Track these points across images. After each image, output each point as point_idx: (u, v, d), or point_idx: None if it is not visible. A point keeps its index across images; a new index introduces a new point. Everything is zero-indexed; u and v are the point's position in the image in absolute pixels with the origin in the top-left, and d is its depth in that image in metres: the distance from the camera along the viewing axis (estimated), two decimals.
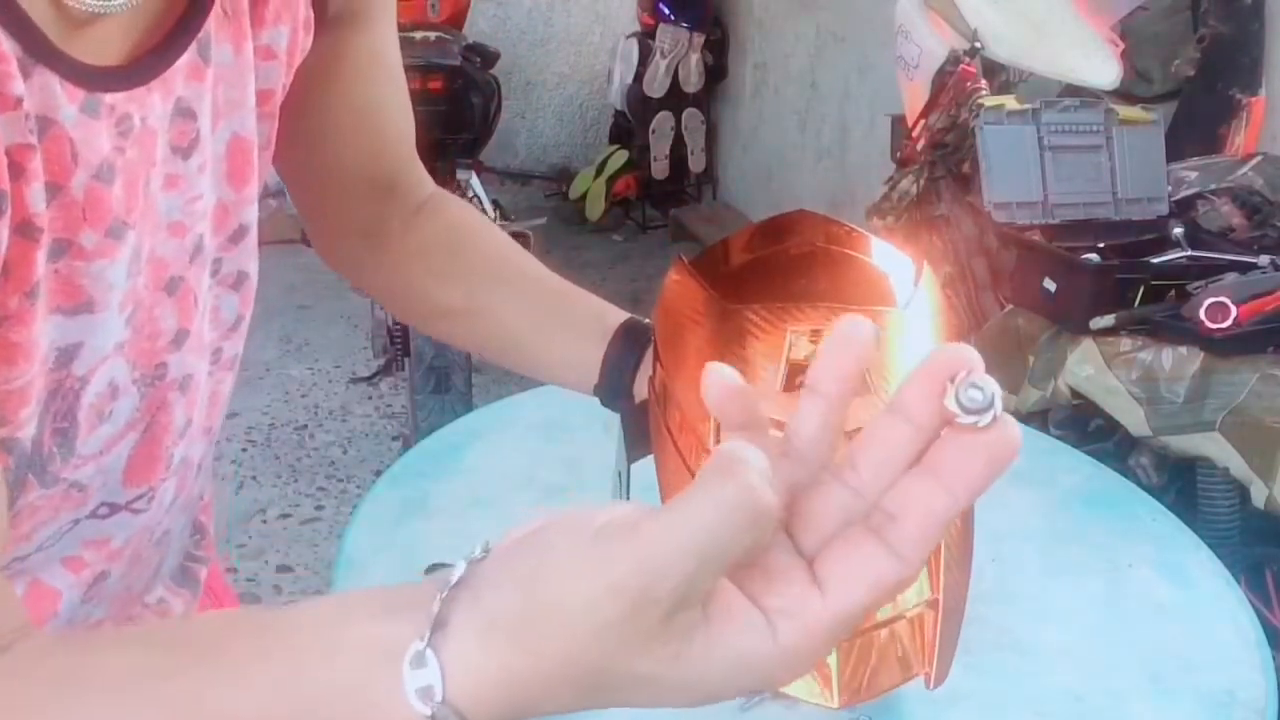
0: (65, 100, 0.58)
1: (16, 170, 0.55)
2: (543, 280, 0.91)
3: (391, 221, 0.92)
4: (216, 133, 0.70)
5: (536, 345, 0.91)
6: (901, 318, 0.76)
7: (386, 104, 0.89)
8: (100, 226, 0.62)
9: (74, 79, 0.58)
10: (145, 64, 0.63)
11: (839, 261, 0.82)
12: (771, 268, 0.82)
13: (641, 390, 0.84)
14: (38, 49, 0.55)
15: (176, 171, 0.67)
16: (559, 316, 0.90)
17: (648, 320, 0.85)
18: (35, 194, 0.56)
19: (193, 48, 0.65)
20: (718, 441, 0.68)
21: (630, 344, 0.85)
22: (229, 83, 0.70)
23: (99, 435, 0.68)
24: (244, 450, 3.13)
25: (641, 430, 0.83)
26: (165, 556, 0.82)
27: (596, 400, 0.88)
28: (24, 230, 0.56)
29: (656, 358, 0.81)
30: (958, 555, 0.77)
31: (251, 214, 0.75)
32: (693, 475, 0.72)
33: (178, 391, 0.73)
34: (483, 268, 0.92)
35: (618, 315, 0.88)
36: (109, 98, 0.60)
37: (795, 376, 0.73)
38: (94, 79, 0.59)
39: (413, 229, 0.92)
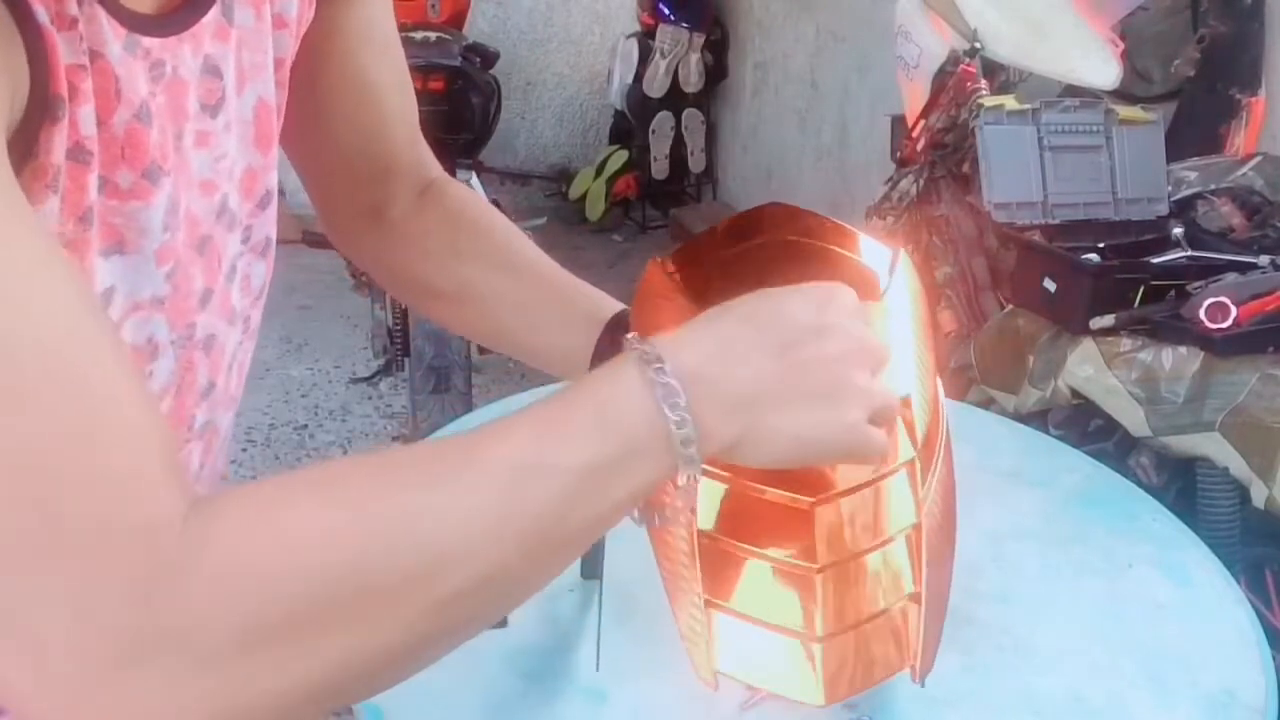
0: (111, 36, 0.59)
1: (71, 90, 0.56)
2: (538, 269, 0.92)
3: (393, 203, 0.94)
4: (243, 96, 0.72)
5: (526, 333, 0.92)
6: (877, 310, 0.77)
7: (382, 81, 0.90)
8: (137, 167, 0.63)
9: (118, 17, 0.60)
10: (177, 16, 0.65)
11: (815, 255, 0.82)
12: (748, 261, 0.83)
13: None
14: None
15: (206, 129, 0.69)
16: (551, 306, 0.90)
17: None
18: (86, 116, 0.58)
19: (217, 6, 0.68)
20: None
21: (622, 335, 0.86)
22: (251, 46, 0.72)
23: None
24: (244, 450, 3.13)
25: None
26: None
27: None
28: (76, 154, 0.58)
29: None
30: (940, 549, 0.77)
31: (274, 179, 0.77)
32: None
33: (201, 352, 0.74)
34: (477, 254, 0.93)
35: (612, 306, 0.89)
36: (145, 41, 0.62)
37: None
38: (133, 21, 0.61)
39: (414, 213, 0.94)
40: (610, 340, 0.86)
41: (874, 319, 0.73)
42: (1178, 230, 1.96)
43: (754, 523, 0.74)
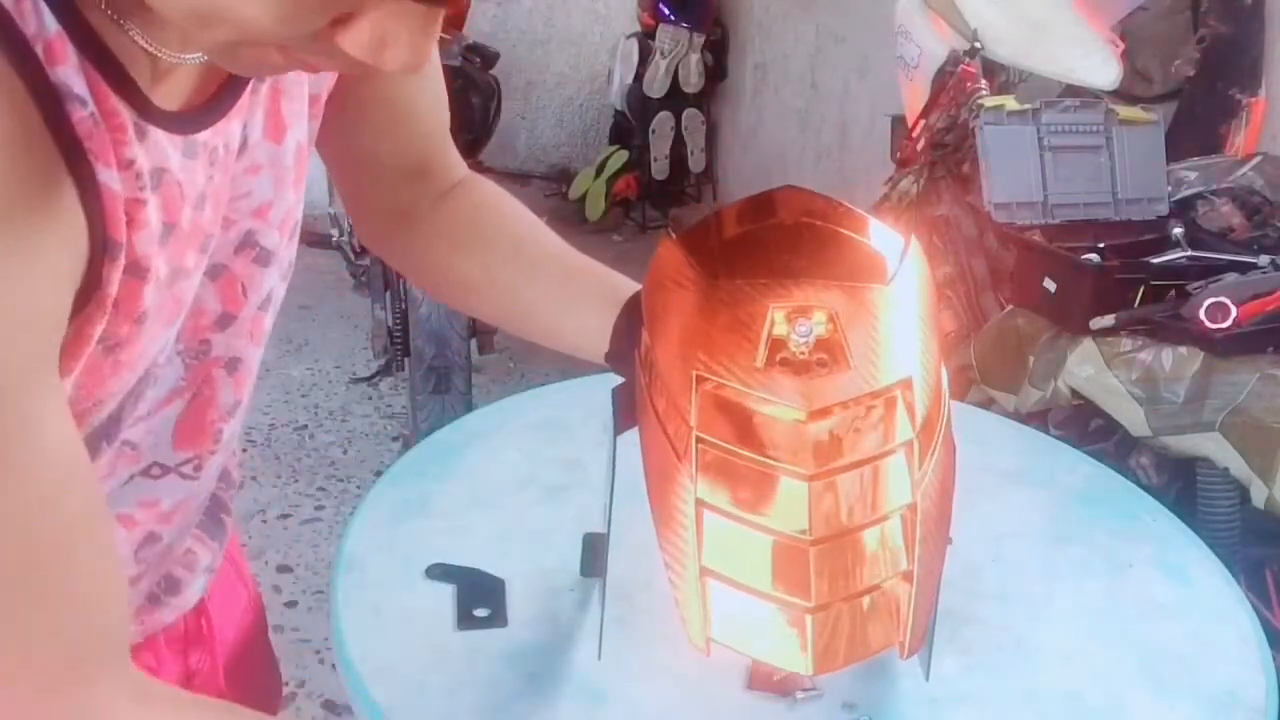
0: (171, 150, 0.65)
1: (129, 221, 0.62)
2: (560, 255, 0.96)
3: (422, 203, 0.97)
4: (284, 144, 0.77)
5: (550, 316, 0.95)
6: (886, 293, 0.77)
7: (417, 99, 0.94)
8: (197, 246, 0.70)
9: (174, 129, 0.65)
10: (223, 100, 0.69)
11: (827, 237, 0.82)
12: (760, 242, 0.83)
13: None
14: (147, 111, 0.62)
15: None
16: (573, 289, 0.94)
17: None
18: (145, 239, 0.64)
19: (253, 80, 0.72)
20: (698, 414, 0.73)
21: (639, 313, 0.88)
22: (290, 95, 0.76)
23: (146, 399, 0.77)
24: (244, 450, 3.11)
25: (630, 402, 0.85)
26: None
27: (595, 400, 0.88)
28: (133, 270, 0.64)
29: (644, 330, 0.82)
30: (933, 528, 0.78)
31: (301, 206, 0.83)
32: (672, 446, 0.76)
33: (223, 370, 0.82)
34: (502, 243, 0.96)
35: (629, 286, 0.92)
36: (200, 137, 0.67)
37: (776, 352, 0.74)
38: (188, 124, 0.66)
39: (441, 209, 0.97)
40: (626, 320, 0.88)
41: (879, 302, 0.75)
42: (1178, 230, 1.95)
43: (752, 493, 0.75)
